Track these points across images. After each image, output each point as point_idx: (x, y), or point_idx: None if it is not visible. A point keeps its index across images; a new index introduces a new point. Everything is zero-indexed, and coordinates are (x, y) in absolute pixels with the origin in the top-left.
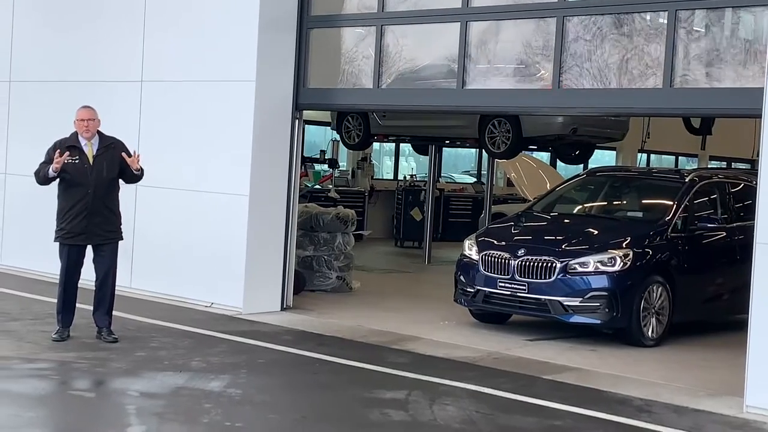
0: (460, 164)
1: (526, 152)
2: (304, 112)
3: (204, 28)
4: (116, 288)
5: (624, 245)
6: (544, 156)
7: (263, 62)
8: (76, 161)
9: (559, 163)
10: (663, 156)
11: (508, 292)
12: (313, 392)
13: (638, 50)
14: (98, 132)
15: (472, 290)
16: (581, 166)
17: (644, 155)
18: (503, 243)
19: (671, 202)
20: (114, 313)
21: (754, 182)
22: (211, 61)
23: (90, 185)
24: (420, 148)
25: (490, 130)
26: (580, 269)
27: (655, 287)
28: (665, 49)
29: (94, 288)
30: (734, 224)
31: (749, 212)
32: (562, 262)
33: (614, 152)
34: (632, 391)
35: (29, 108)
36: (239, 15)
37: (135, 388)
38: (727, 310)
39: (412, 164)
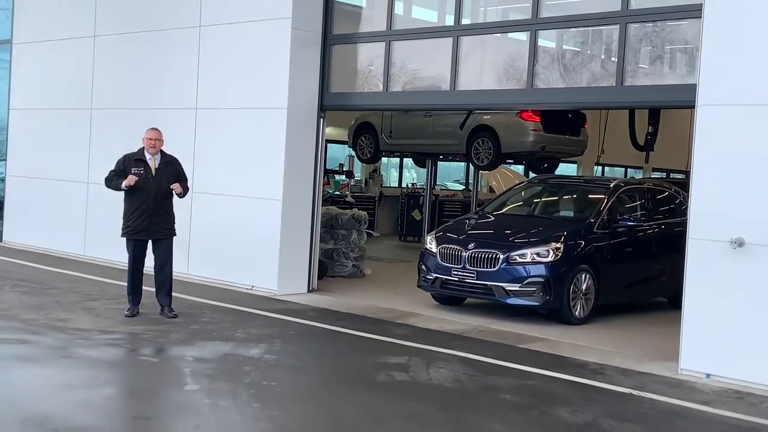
0: (452, 174)
1: (505, 165)
2: (327, 132)
3: (244, 66)
4: (175, 274)
5: (556, 239)
6: (519, 168)
7: (294, 90)
8: (141, 171)
9: (531, 173)
10: (615, 168)
11: (461, 279)
12: (332, 358)
13: (595, 55)
14: (161, 150)
15: (431, 277)
16: None
17: (599, 167)
18: (457, 238)
19: (597, 204)
20: (173, 294)
21: (673, 189)
22: (250, 92)
23: (152, 191)
24: (419, 162)
25: (475, 148)
26: (519, 260)
27: (582, 275)
28: (617, 54)
29: (154, 273)
30: (652, 222)
31: (664, 213)
32: (504, 253)
33: (575, 165)
34: (589, 357)
35: (107, 130)
36: (273, 53)
37: (190, 354)
38: (646, 293)
39: (413, 175)
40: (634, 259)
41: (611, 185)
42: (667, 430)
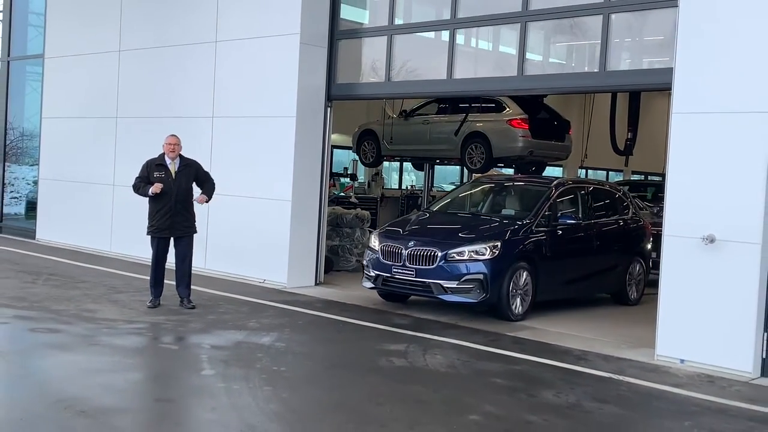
0: (448, 177)
1: (496, 168)
2: (333, 138)
3: (257, 77)
4: (193, 269)
5: (494, 237)
6: (510, 171)
7: (302, 101)
8: (163, 175)
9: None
10: (598, 171)
11: (400, 276)
12: (337, 345)
13: (580, 44)
14: (179, 155)
15: (373, 274)
16: None
17: (583, 171)
18: (398, 236)
19: (537, 203)
20: (192, 287)
21: (621, 190)
22: (262, 102)
23: (173, 193)
24: (418, 166)
25: (469, 152)
26: (457, 257)
27: (521, 272)
28: (600, 42)
29: (175, 268)
30: (593, 220)
31: (607, 211)
32: (442, 251)
33: (561, 168)
34: (572, 344)
35: (130, 137)
36: (283, 65)
37: (207, 342)
38: (588, 290)
39: (412, 177)
40: (575, 256)
41: (552, 184)
42: (644, 411)
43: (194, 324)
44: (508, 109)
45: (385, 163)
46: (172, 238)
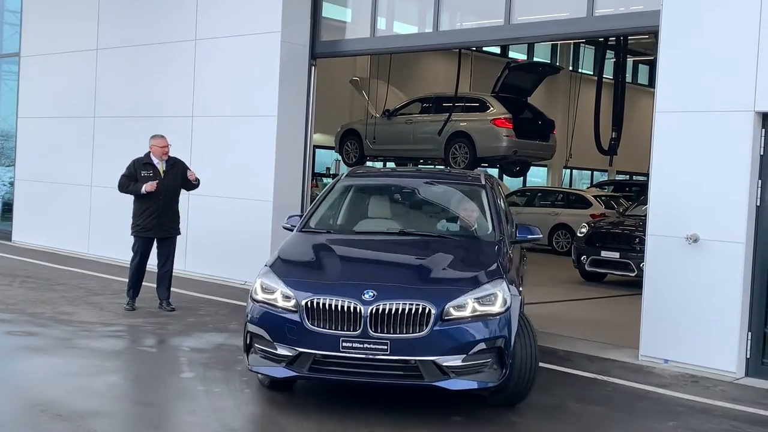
0: None
1: (480, 168)
2: (315, 138)
3: (237, 76)
4: (173, 270)
5: (495, 273)
6: (494, 171)
7: (283, 98)
8: (151, 174)
9: (505, 177)
10: (583, 171)
11: (359, 354)
12: None
13: None
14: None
15: (293, 353)
16: (521, 179)
17: (567, 171)
18: (335, 281)
19: (490, 211)
20: (172, 288)
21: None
22: (243, 101)
23: (161, 193)
24: (401, 166)
25: (453, 152)
26: (456, 314)
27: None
28: None
29: (157, 269)
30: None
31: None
32: (438, 306)
33: (545, 169)
34: (557, 345)
35: (109, 137)
36: (263, 64)
37: (187, 344)
38: None
39: None
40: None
41: (482, 182)
42: (628, 411)
43: (174, 326)
44: (492, 108)
45: (368, 163)
46: (155, 239)
